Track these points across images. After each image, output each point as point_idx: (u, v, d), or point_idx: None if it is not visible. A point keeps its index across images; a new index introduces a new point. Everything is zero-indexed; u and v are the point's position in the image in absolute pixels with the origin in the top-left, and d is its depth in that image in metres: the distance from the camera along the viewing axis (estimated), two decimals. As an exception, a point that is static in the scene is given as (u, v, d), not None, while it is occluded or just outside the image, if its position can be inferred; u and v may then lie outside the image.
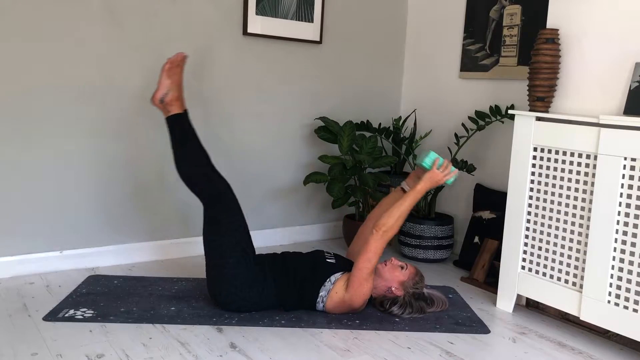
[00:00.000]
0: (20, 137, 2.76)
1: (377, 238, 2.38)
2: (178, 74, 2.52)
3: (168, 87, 2.48)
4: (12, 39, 2.68)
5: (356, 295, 2.41)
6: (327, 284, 2.44)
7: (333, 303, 2.45)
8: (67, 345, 2.11)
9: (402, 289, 2.52)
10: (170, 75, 2.50)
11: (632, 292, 2.21)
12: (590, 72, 2.49)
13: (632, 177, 2.21)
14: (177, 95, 2.49)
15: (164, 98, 2.48)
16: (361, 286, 2.40)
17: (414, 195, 2.45)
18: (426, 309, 2.54)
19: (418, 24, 3.88)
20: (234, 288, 2.38)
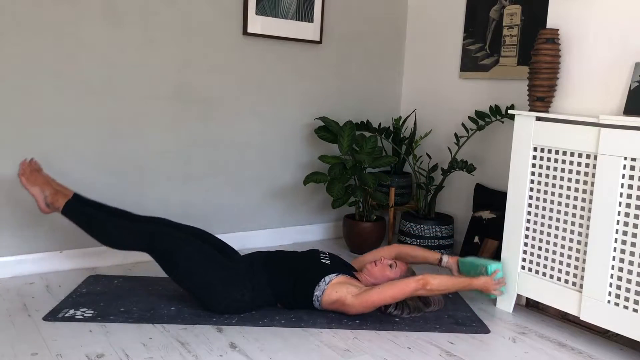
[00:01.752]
0: (20, 136, 2.76)
1: (415, 287, 2.38)
2: (38, 176, 2.50)
3: (41, 192, 2.47)
4: (12, 39, 2.68)
5: (359, 307, 2.41)
6: (322, 284, 2.44)
7: (330, 301, 2.44)
8: (67, 345, 2.11)
9: None
10: (32, 182, 2.48)
11: (632, 292, 2.21)
12: (590, 72, 2.49)
13: (632, 177, 2.21)
14: (53, 192, 2.48)
15: (47, 201, 2.47)
16: (369, 307, 2.41)
17: (466, 284, 2.52)
18: (423, 308, 2.54)
19: (418, 24, 3.88)
20: (223, 294, 2.38)
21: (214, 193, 3.34)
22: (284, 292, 2.46)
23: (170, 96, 3.13)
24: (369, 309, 2.42)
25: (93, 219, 2.46)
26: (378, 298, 2.38)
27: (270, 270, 2.46)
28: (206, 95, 3.24)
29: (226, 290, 2.38)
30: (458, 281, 2.51)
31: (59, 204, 2.47)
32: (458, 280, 2.52)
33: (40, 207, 2.49)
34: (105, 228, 2.45)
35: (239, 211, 3.45)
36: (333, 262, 2.56)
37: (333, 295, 2.42)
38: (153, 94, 3.07)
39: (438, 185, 3.46)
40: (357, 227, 3.47)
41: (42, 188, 2.49)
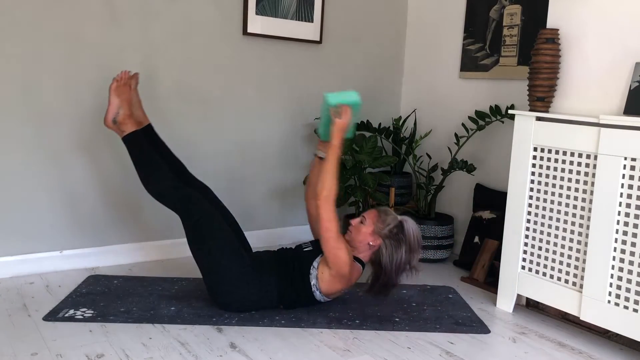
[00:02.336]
0: (20, 136, 2.76)
1: (322, 206, 2.34)
2: (127, 92, 2.47)
3: (118, 106, 2.43)
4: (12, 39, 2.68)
5: (338, 265, 2.37)
6: (313, 271, 2.42)
7: (326, 284, 2.43)
8: (67, 345, 2.11)
9: (376, 237, 2.46)
10: (119, 93, 2.45)
11: (632, 292, 2.21)
12: (590, 72, 2.49)
13: (632, 177, 2.21)
14: (128, 114, 2.45)
15: (116, 118, 2.43)
16: (337, 255, 2.36)
17: (332, 151, 2.39)
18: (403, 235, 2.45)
19: (418, 24, 3.88)
20: (233, 288, 2.39)
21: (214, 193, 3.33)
22: (289, 292, 2.46)
23: (170, 96, 3.13)
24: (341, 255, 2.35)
25: (147, 159, 2.42)
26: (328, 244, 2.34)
27: (277, 271, 2.46)
28: (206, 95, 3.24)
29: (237, 285, 2.38)
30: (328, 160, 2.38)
31: (125, 128, 2.43)
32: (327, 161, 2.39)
33: (106, 117, 2.45)
34: (154, 174, 2.41)
35: (239, 211, 3.44)
36: (315, 247, 2.52)
37: (324, 276, 2.41)
38: (153, 94, 3.07)
39: (438, 185, 3.46)
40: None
41: (121, 104, 2.44)
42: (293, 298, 2.47)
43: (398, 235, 2.44)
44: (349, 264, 2.39)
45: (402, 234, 2.45)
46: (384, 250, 2.44)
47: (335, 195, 2.38)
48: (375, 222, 2.47)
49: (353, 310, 2.56)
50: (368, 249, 2.49)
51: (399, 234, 2.44)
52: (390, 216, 2.50)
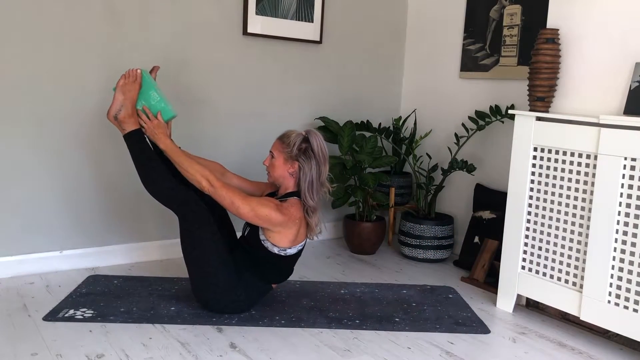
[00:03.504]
0: (20, 136, 2.76)
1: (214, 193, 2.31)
2: (133, 90, 2.44)
3: (121, 103, 2.42)
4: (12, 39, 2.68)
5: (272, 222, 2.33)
6: (265, 243, 2.39)
7: (286, 240, 2.39)
8: (67, 345, 2.11)
9: (291, 162, 2.42)
10: (125, 91, 2.42)
11: (632, 292, 2.21)
12: (590, 72, 2.49)
13: (632, 177, 2.21)
14: (130, 113, 2.42)
15: (118, 114, 2.42)
16: (259, 216, 2.32)
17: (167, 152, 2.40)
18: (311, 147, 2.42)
19: (418, 24, 3.88)
20: (219, 294, 2.38)
21: (214, 193, 3.34)
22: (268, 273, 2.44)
23: (170, 96, 3.12)
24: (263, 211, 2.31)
25: (147, 158, 2.40)
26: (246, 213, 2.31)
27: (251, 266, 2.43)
28: (206, 95, 3.24)
29: (224, 292, 2.37)
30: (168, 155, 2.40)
31: (127, 126, 2.41)
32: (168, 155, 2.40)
33: (109, 113, 2.42)
34: (154, 174, 2.39)
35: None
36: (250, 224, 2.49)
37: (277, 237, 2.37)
38: (153, 94, 3.07)
39: (438, 185, 3.46)
40: (357, 227, 3.47)
41: (124, 102, 2.41)
42: (277, 272, 2.46)
43: (307, 151, 2.41)
44: (274, 211, 2.33)
45: (310, 148, 2.41)
46: (305, 170, 2.41)
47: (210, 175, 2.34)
48: (282, 150, 2.44)
49: (353, 310, 2.56)
50: (291, 177, 2.45)
51: (308, 149, 2.41)
52: (293, 135, 2.46)
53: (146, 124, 2.42)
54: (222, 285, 2.36)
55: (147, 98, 2.44)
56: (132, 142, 2.41)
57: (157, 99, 2.45)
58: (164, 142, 2.41)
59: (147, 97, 2.44)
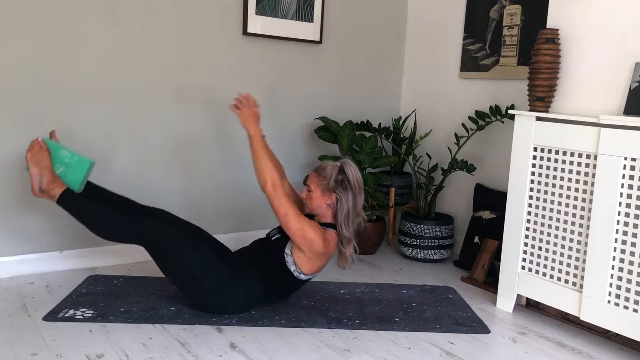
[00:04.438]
0: (20, 136, 2.75)
1: (271, 195, 2.33)
2: (44, 158, 2.45)
3: (39, 175, 2.43)
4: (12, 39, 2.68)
5: (309, 245, 2.35)
6: (287, 258, 2.40)
7: (306, 266, 2.41)
8: (67, 345, 2.11)
9: (328, 194, 2.43)
10: (37, 162, 2.44)
11: (632, 292, 2.21)
12: (590, 72, 2.49)
13: (632, 177, 2.21)
14: (51, 179, 2.44)
15: (41, 186, 2.43)
16: (303, 236, 2.34)
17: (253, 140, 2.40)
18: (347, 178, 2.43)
19: (418, 24, 3.88)
20: (217, 297, 2.38)
21: (215, 193, 3.34)
22: (273, 284, 2.44)
23: (170, 96, 3.13)
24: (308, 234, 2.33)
25: (89, 210, 2.43)
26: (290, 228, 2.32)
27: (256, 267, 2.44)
28: (206, 95, 3.24)
29: (221, 292, 2.37)
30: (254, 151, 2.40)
31: (55, 192, 2.43)
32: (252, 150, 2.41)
33: (33, 188, 2.45)
34: (101, 220, 2.41)
35: (239, 211, 3.45)
36: (282, 232, 2.48)
37: (301, 260, 2.39)
38: (153, 94, 3.07)
39: (438, 185, 3.46)
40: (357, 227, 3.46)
41: (42, 172, 2.44)
42: (280, 287, 2.46)
43: (344, 182, 2.42)
44: (319, 239, 2.35)
45: (346, 179, 2.43)
46: (342, 201, 2.43)
47: (278, 179, 2.36)
48: (319, 183, 2.45)
49: (353, 310, 2.56)
50: (329, 209, 2.46)
51: (344, 180, 2.43)
52: (329, 167, 2.47)
53: (242, 109, 2.42)
54: (215, 284, 2.36)
55: (60, 159, 2.49)
56: (68, 203, 2.44)
57: (69, 156, 2.50)
58: (255, 128, 2.40)
59: (59, 159, 2.49)
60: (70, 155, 2.50)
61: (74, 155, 2.50)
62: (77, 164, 2.49)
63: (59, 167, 2.49)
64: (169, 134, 3.15)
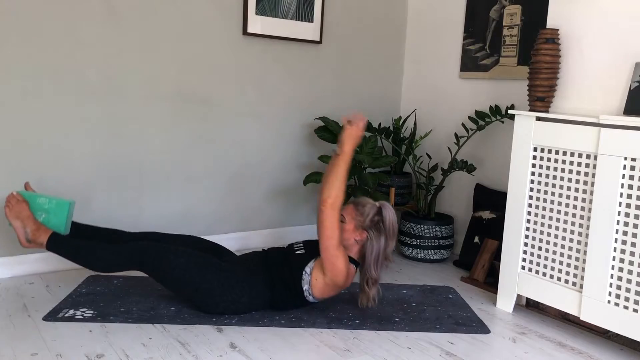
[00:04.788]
0: (19, 136, 2.76)
1: (326, 213, 2.30)
2: (23, 209, 2.45)
3: (22, 226, 2.44)
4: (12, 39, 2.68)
5: (334, 274, 2.36)
6: (305, 276, 2.41)
7: (319, 290, 2.42)
8: (67, 345, 2.11)
9: (361, 231, 2.44)
10: (17, 214, 2.44)
11: (632, 292, 2.21)
12: (590, 72, 2.49)
13: (632, 177, 2.21)
14: (35, 228, 2.44)
15: (28, 237, 2.44)
16: (335, 264, 2.34)
17: (343, 158, 2.34)
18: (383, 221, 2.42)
19: (418, 24, 3.88)
20: (218, 298, 2.38)
21: (214, 193, 3.34)
22: (280, 292, 2.45)
23: (170, 96, 3.13)
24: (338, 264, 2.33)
25: (79, 248, 2.42)
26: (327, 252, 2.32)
27: (265, 271, 2.45)
28: (206, 95, 3.24)
29: (223, 292, 2.37)
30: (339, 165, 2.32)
31: (41, 239, 2.43)
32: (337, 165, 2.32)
33: (21, 241, 2.45)
34: (94, 255, 2.40)
35: (239, 211, 3.45)
36: (307, 249, 2.50)
37: (318, 283, 2.40)
38: (153, 94, 3.07)
39: (438, 185, 3.46)
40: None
41: (25, 223, 2.44)
42: (284, 299, 2.47)
43: (379, 224, 2.43)
44: (345, 274, 2.38)
45: (381, 221, 2.43)
46: (369, 242, 2.44)
47: (341, 201, 2.34)
48: (354, 217, 2.45)
49: (353, 310, 2.56)
50: (356, 244, 2.47)
51: (380, 222, 2.43)
52: (368, 205, 2.47)
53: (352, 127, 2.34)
54: (217, 286, 2.36)
55: (39, 207, 2.50)
56: (57, 247, 2.44)
57: (47, 202, 2.51)
58: (350, 149, 2.34)
59: (38, 206, 2.50)
60: (48, 200, 2.51)
61: (51, 199, 2.52)
62: (56, 207, 2.51)
63: (41, 215, 2.50)
64: (169, 133, 3.15)
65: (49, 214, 2.50)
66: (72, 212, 2.56)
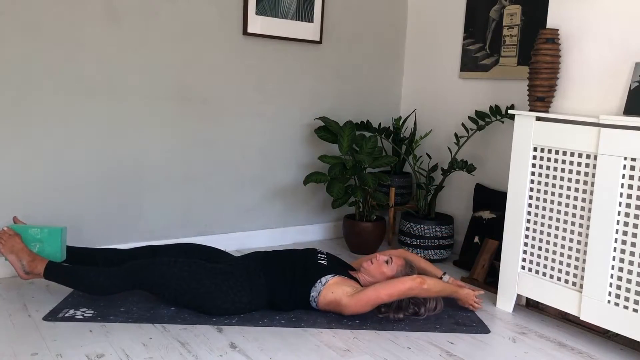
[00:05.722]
0: (19, 137, 2.76)
1: (410, 286, 2.39)
2: (16, 243, 2.46)
3: (18, 260, 2.44)
4: (12, 39, 2.68)
5: (354, 307, 2.41)
6: (318, 285, 2.44)
7: (325, 302, 2.44)
8: (67, 345, 2.11)
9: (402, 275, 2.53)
10: (11, 247, 2.45)
11: (632, 292, 2.21)
12: (590, 72, 2.49)
13: (632, 177, 2.21)
14: (30, 259, 2.44)
15: (25, 269, 2.44)
16: (365, 306, 2.41)
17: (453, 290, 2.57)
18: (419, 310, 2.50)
19: (418, 24, 3.88)
20: (219, 301, 2.38)
21: (214, 193, 3.34)
22: (281, 293, 2.45)
23: (170, 96, 3.13)
24: (364, 309, 2.42)
25: (76, 276, 2.42)
26: (373, 296, 2.38)
27: (268, 271, 2.46)
28: (206, 95, 3.24)
29: (221, 294, 2.37)
30: (447, 286, 2.56)
31: (38, 270, 2.43)
32: (447, 285, 2.56)
33: (19, 274, 2.45)
34: (90, 280, 2.39)
35: (239, 211, 3.45)
36: (330, 263, 2.55)
37: (329, 295, 2.42)
38: (153, 94, 3.07)
39: (438, 185, 3.46)
40: (357, 227, 3.47)
41: (20, 256, 2.44)
42: (285, 300, 2.47)
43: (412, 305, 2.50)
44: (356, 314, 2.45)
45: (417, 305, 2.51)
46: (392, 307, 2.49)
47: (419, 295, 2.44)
48: (398, 270, 2.54)
49: (353, 310, 2.56)
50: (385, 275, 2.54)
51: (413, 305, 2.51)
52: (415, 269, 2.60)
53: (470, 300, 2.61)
54: (215, 289, 2.36)
55: (32, 238, 2.52)
56: (55, 276, 2.44)
57: (39, 232, 2.53)
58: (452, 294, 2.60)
59: (31, 237, 2.52)
60: (39, 230, 2.53)
61: (42, 229, 2.53)
62: (49, 236, 2.53)
63: (35, 245, 2.52)
64: (169, 133, 3.15)
65: (42, 244, 2.52)
66: (65, 238, 2.57)
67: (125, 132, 3.02)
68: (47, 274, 2.43)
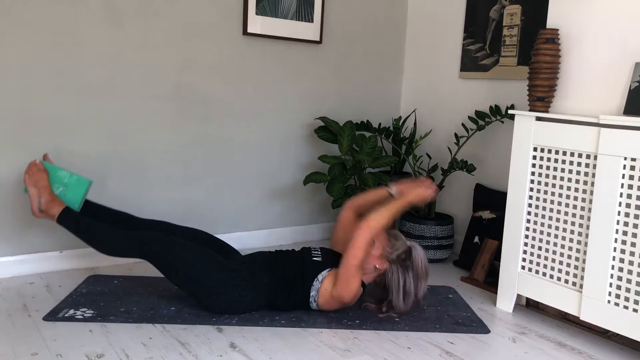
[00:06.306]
0: (20, 137, 2.76)
1: (364, 233, 2.33)
2: (42, 179, 2.48)
3: (38, 195, 2.46)
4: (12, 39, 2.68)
5: (344, 291, 2.38)
6: (316, 283, 2.43)
7: (324, 300, 2.44)
8: (67, 345, 2.11)
9: (383, 260, 2.46)
10: (35, 183, 2.47)
11: (632, 292, 2.21)
12: (590, 72, 2.49)
13: (632, 177, 2.21)
14: (50, 199, 2.47)
15: (41, 207, 2.46)
16: (349, 283, 2.37)
17: (402, 204, 2.45)
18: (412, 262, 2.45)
19: (418, 24, 3.88)
20: (221, 296, 2.38)
21: (214, 193, 3.34)
22: (282, 293, 2.45)
23: (170, 96, 3.13)
24: (353, 284, 2.37)
25: (89, 227, 2.44)
26: (347, 269, 2.35)
27: (272, 272, 2.46)
28: (206, 95, 3.24)
29: (226, 291, 2.37)
30: (395, 205, 2.44)
31: (54, 212, 2.46)
32: (394, 205, 2.44)
33: (33, 209, 2.48)
34: (103, 236, 2.43)
35: (239, 211, 3.45)
36: (325, 257, 2.53)
37: (326, 293, 2.42)
38: (153, 94, 3.07)
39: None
40: (357, 227, 3.46)
41: (41, 192, 2.47)
42: (286, 302, 2.47)
43: (405, 262, 2.46)
44: (354, 294, 2.40)
45: (409, 260, 2.46)
46: (390, 275, 2.46)
47: (378, 232, 2.39)
48: (384, 246, 2.48)
49: (353, 310, 2.56)
50: (373, 271, 2.49)
51: (407, 260, 2.46)
52: (400, 241, 2.51)
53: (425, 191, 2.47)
54: (220, 285, 2.36)
55: (58, 179, 2.53)
56: (68, 222, 2.46)
57: (67, 176, 2.54)
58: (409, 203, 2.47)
59: (58, 179, 2.53)
60: (68, 175, 2.54)
61: (72, 175, 2.54)
62: (76, 183, 2.54)
63: (58, 187, 2.53)
64: (169, 133, 3.15)
65: (66, 188, 2.52)
66: (87, 192, 2.57)
67: (125, 132, 3.02)
68: (62, 218, 2.45)
